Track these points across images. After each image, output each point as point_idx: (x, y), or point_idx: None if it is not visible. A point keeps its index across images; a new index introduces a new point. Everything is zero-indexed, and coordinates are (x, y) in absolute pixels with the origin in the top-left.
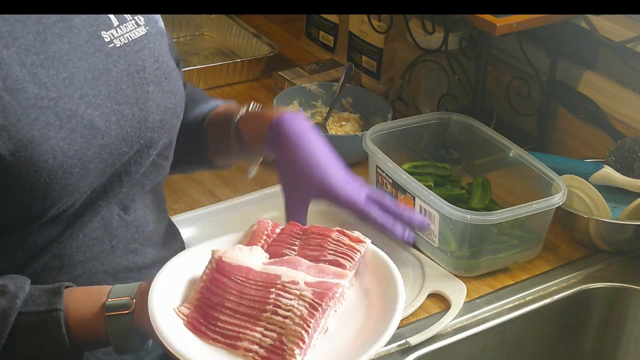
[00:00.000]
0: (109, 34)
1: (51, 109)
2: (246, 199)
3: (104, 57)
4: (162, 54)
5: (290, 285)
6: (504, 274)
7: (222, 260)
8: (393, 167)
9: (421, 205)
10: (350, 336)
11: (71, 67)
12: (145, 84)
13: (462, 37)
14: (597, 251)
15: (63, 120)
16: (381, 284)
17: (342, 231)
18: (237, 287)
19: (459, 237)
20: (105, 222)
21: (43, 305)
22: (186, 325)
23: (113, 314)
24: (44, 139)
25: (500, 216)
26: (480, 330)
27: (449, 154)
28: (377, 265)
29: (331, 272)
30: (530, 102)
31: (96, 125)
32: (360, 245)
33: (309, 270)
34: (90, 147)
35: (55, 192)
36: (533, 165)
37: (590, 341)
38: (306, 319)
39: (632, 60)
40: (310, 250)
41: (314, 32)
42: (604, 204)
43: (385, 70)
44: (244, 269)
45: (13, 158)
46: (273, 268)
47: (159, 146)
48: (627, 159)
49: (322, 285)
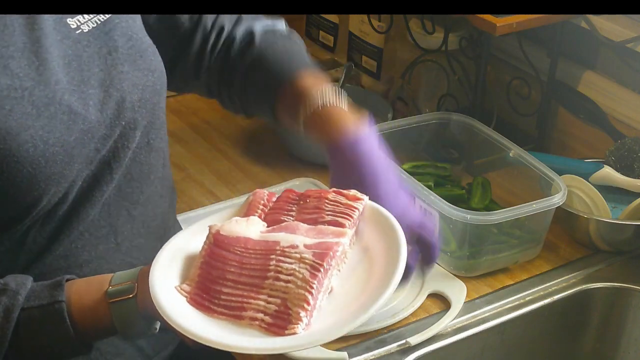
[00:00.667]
0: (75, 20)
1: (26, 98)
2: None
3: (73, 44)
4: (135, 31)
5: (289, 249)
6: (504, 274)
7: (219, 234)
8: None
9: (421, 205)
10: (354, 294)
11: (43, 54)
12: (119, 64)
13: (462, 37)
14: (597, 251)
15: (40, 108)
16: (383, 238)
17: (339, 191)
18: (237, 258)
19: (459, 237)
20: (112, 220)
21: (45, 299)
22: (189, 302)
23: (116, 300)
24: (22, 129)
25: (500, 216)
26: (480, 330)
27: (449, 154)
28: (377, 221)
29: (330, 232)
30: (530, 102)
31: (75, 110)
32: (357, 202)
33: (307, 233)
34: (72, 133)
35: (40, 182)
36: (533, 165)
37: (590, 341)
38: (308, 281)
39: (632, 60)
40: (308, 214)
41: (314, 32)
42: (604, 204)
43: (385, 70)
44: (242, 239)
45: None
46: (271, 235)
47: (142, 126)
48: (627, 159)
49: (322, 246)
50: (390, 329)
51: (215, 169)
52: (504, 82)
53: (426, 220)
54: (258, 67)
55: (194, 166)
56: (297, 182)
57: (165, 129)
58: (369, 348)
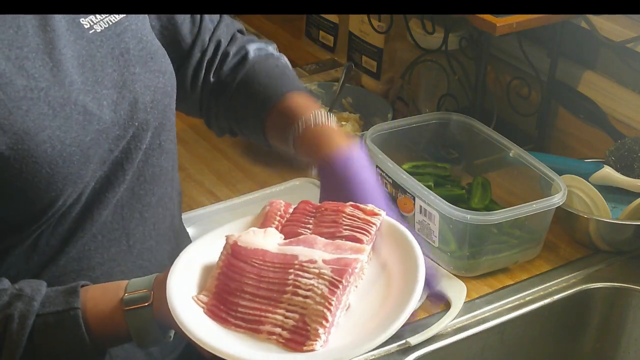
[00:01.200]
0: (87, 20)
1: (42, 99)
2: (246, 199)
3: (86, 44)
4: (145, 34)
5: (308, 264)
6: (504, 274)
7: (237, 245)
8: (393, 167)
9: (421, 205)
10: (372, 311)
11: (57, 55)
12: (131, 65)
13: (462, 37)
14: (597, 251)
15: (56, 108)
16: (400, 255)
17: (356, 205)
18: (255, 271)
19: (459, 237)
20: (125, 222)
21: (60, 305)
22: (206, 313)
23: (132, 307)
24: (40, 129)
25: (500, 216)
26: (480, 330)
27: (449, 154)
28: (394, 237)
29: (348, 247)
30: (530, 102)
31: (90, 111)
32: (375, 218)
33: (325, 248)
34: (87, 133)
35: (58, 182)
36: (533, 165)
37: (590, 341)
38: (327, 297)
39: (632, 60)
40: (326, 228)
41: (314, 32)
42: (604, 204)
43: (385, 70)
44: (259, 251)
45: (11, 152)
46: (289, 248)
47: (153, 128)
48: (627, 159)
49: (341, 262)
50: None
51: (215, 169)
52: (504, 82)
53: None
54: (249, 84)
55: (194, 166)
56: (297, 182)
57: (175, 131)
58: None
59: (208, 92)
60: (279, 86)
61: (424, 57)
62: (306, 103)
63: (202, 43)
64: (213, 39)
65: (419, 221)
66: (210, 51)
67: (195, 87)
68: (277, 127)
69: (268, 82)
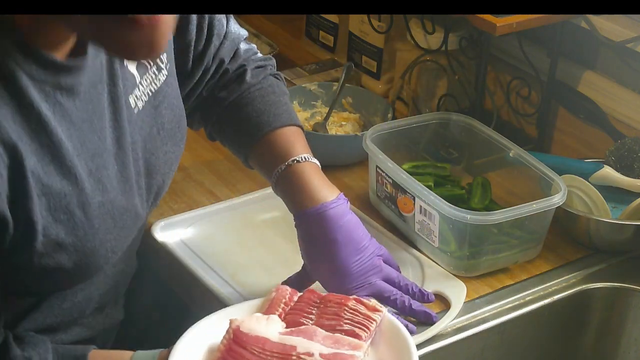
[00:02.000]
0: (133, 97)
1: (109, 213)
2: (246, 199)
3: (132, 129)
4: (176, 95)
5: (305, 356)
6: (504, 274)
7: (239, 330)
8: (393, 167)
9: (421, 205)
10: None
11: (121, 157)
12: (164, 144)
13: (462, 37)
14: (597, 251)
15: (117, 220)
16: (395, 354)
17: (359, 299)
18: (254, 358)
19: (459, 237)
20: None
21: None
22: None
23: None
24: (101, 244)
25: (500, 216)
26: (480, 330)
27: (449, 154)
28: (392, 335)
29: (347, 342)
30: (530, 102)
31: (139, 213)
32: (376, 314)
33: (324, 341)
34: (132, 233)
35: (93, 272)
36: (533, 165)
37: (590, 341)
38: None
39: (632, 60)
40: (327, 320)
41: (314, 32)
42: (604, 204)
43: (385, 70)
44: (260, 339)
45: (74, 267)
46: (289, 338)
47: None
48: (627, 159)
49: (337, 357)
50: None
51: (215, 169)
52: (504, 82)
53: (401, 277)
54: (242, 107)
55: (194, 166)
56: None
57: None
58: None
59: (199, 102)
60: (272, 116)
61: (424, 57)
62: (296, 141)
63: (205, 63)
64: (216, 58)
65: (419, 221)
66: (212, 70)
67: (188, 101)
68: (262, 160)
69: (263, 109)
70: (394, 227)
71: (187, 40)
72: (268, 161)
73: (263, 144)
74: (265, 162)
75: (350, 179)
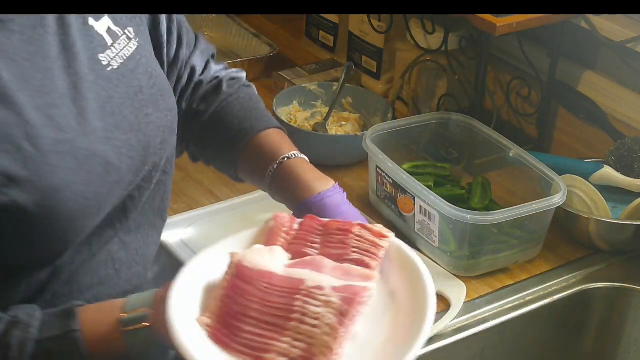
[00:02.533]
0: (105, 55)
1: (69, 152)
2: (246, 199)
3: (105, 83)
4: (154, 67)
5: (316, 290)
6: (504, 274)
7: (242, 265)
8: (393, 167)
9: (421, 205)
10: (378, 343)
11: (80, 101)
12: (144, 106)
13: (462, 37)
14: (597, 251)
15: (81, 162)
16: (408, 282)
17: (364, 225)
18: (260, 295)
19: (459, 237)
20: (108, 247)
21: (58, 330)
22: (209, 337)
23: (131, 328)
24: (66, 185)
25: (500, 216)
26: (480, 330)
27: (449, 154)
28: (402, 262)
29: (357, 273)
30: (530, 102)
31: (110, 162)
32: (383, 240)
33: (334, 273)
34: (105, 185)
35: (73, 233)
36: (533, 165)
37: (590, 341)
38: (336, 328)
39: (632, 60)
40: (333, 249)
41: (314, 32)
42: (604, 204)
43: (385, 70)
44: (266, 274)
45: (36, 208)
46: (296, 271)
47: (160, 167)
48: (627, 159)
49: (350, 290)
50: None
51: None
52: (504, 82)
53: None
54: (223, 116)
55: (194, 166)
56: None
57: (173, 163)
58: None
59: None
60: (254, 120)
61: (424, 57)
62: (282, 141)
63: (178, 70)
64: (187, 66)
65: (419, 221)
66: (185, 79)
67: None
68: (252, 164)
69: (244, 115)
70: (394, 227)
71: (161, 41)
72: (259, 164)
73: (250, 149)
74: (256, 165)
75: (350, 179)
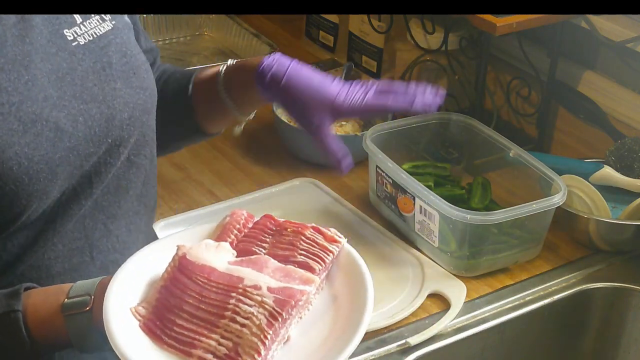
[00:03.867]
0: (72, 31)
1: (13, 114)
2: (246, 199)
3: (68, 56)
4: (130, 48)
5: (252, 290)
6: (504, 274)
7: (185, 258)
8: (393, 167)
9: (421, 205)
10: (312, 347)
11: (33, 69)
12: (112, 80)
13: (462, 37)
14: (597, 251)
15: (27, 124)
16: (351, 290)
17: (318, 228)
18: (197, 289)
19: (459, 237)
20: (88, 232)
21: (1, 308)
22: (141, 328)
23: (70, 313)
24: (7, 146)
25: (500, 216)
26: (480, 330)
27: (449, 154)
28: (350, 268)
29: (298, 276)
30: (530, 102)
31: (62, 128)
32: (333, 245)
33: (274, 274)
34: (57, 151)
35: (22, 198)
36: (533, 165)
37: (590, 341)
38: (264, 329)
39: (632, 60)
40: (281, 249)
41: (314, 32)
42: (604, 204)
43: (385, 70)
44: (207, 268)
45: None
46: (237, 269)
47: (130, 144)
48: (627, 159)
49: (286, 292)
50: (390, 329)
51: (215, 169)
52: (504, 82)
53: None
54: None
55: (194, 166)
56: (297, 182)
57: (153, 147)
58: (369, 348)
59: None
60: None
61: (424, 57)
62: (215, 67)
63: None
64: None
65: (419, 221)
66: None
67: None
68: (204, 90)
69: (183, 72)
70: (394, 227)
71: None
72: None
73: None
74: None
75: (350, 179)
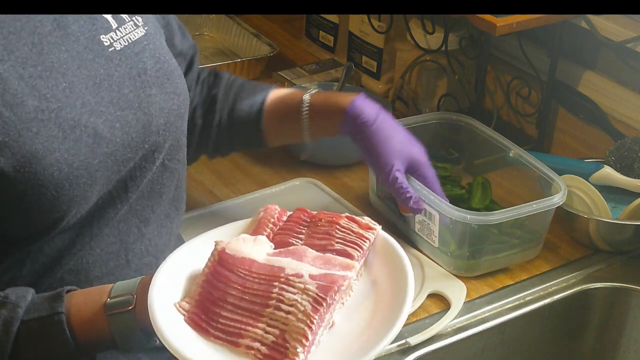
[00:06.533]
0: (108, 37)
1: (53, 121)
2: (246, 199)
3: (105, 62)
4: (163, 53)
5: (294, 278)
6: (504, 274)
7: (224, 252)
8: None
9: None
10: (356, 331)
11: (70, 76)
12: (147, 86)
13: (462, 37)
14: (597, 251)
15: (66, 131)
16: (390, 274)
17: (352, 217)
18: (240, 281)
19: (459, 237)
20: (123, 236)
21: (44, 311)
22: (187, 322)
23: (114, 312)
24: (48, 152)
25: (500, 216)
26: (480, 330)
27: (449, 154)
28: (387, 253)
29: (338, 263)
30: (530, 102)
31: (100, 133)
32: (369, 232)
33: (314, 262)
34: (96, 156)
35: (63, 204)
36: (533, 165)
37: (590, 341)
38: (310, 315)
39: (632, 60)
40: (318, 239)
41: (314, 32)
42: (604, 204)
43: (385, 70)
44: (247, 261)
45: (17, 174)
46: (277, 260)
47: (165, 149)
48: (627, 159)
49: (327, 278)
50: None
51: (215, 169)
52: (504, 82)
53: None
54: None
55: (194, 166)
56: (297, 182)
57: (185, 152)
58: None
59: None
60: (258, 87)
61: (424, 57)
62: (288, 89)
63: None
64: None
65: (419, 221)
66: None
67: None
68: (280, 112)
69: (251, 83)
70: (394, 227)
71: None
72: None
73: (270, 105)
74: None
75: (350, 179)
